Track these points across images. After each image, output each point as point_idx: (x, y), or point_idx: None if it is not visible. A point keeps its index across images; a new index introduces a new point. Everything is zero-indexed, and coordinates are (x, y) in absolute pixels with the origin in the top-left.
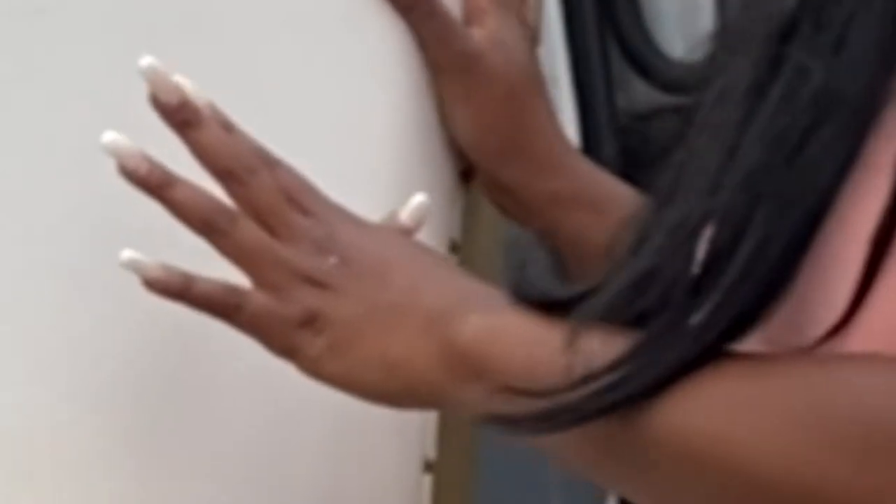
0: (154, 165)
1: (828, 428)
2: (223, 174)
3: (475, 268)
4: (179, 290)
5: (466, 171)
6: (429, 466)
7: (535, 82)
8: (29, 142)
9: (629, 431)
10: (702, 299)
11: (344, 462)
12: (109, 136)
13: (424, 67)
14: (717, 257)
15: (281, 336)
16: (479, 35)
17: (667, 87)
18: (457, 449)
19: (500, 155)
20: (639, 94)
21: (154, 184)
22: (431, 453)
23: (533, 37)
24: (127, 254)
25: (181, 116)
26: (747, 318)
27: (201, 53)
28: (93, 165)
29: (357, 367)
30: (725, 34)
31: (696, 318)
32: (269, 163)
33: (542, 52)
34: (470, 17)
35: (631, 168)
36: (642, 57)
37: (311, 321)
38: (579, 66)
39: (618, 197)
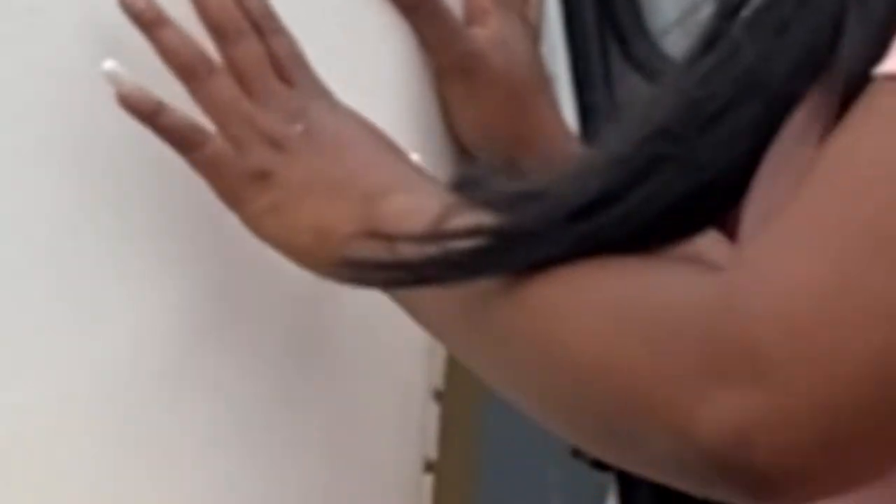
0: (151, 3)
1: (633, 319)
2: (215, 29)
3: None
4: (149, 112)
5: None
6: (429, 466)
7: (539, 80)
8: (28, 140)
9: (484, 304)
10: (574, 223)
11: (344, 462)
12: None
13: (425, 67)
14: (606, 195)
15: (232, 184)
16: (481, 35)
17: None
18: (457, 449)
19: (506, 153)
20: (639, 94)
21: (147, 20)
22: (432, 453)
23: (535, 35)
24: (109, 64)
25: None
26: (605, 252)
27: None
28: (92, 164)
29: (292, 229)
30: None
31: (561, 235)
32: (269, 30)
33: (543, 51)
34: (472, 17)
35: None
36: (642, 57)
37: (262, 177)
38: (579, 65)
39: None
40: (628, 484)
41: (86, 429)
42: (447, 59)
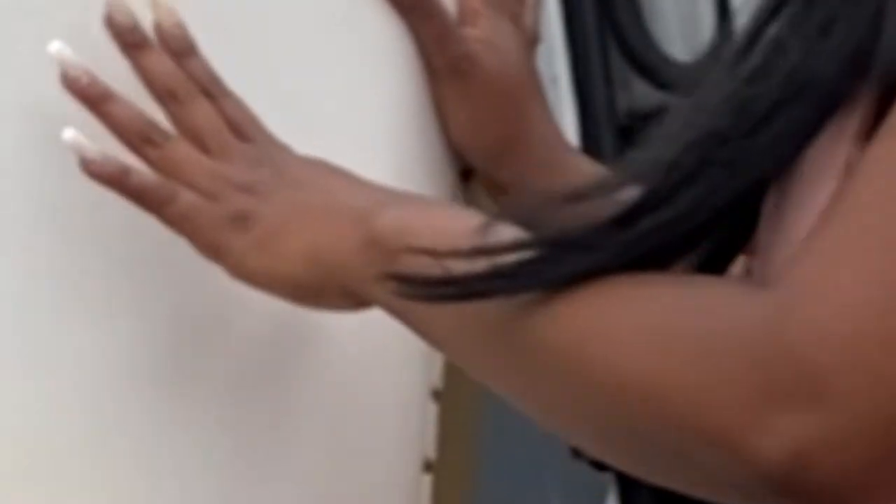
0: (95, 80)
1: (679, 340)
2: (164, 95)
3: None
4: (116, 176)
5: (466, 171)
6: (429, 466)
7: (530, 83)
8: (28, 140)
9: (513, 321)
10: (621, 229)
11: (344, 462)
12: (56, 46)
13: (422, 68)
14: (653, 199)
15: (209, 233)
16: (472, 36)
17: (667, 87)
18: (457, 449)
19: (498, 156)
20: (639, 94)
21: (93, 96)
22: (431, 453)
23: (531, 38)
24: (70, 133)
25: (131, 38)
26: (654, 262)
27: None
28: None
29: (281, 260)
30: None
31: (609, 242)
32: (218, 93)
33: (542, 51)
34: (463, 18)
35: None
36: (642, 57)
37: (240, 220)
38: (579, 65)
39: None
40: (628, 484)
41: (88, 430)
42: (440, 61)
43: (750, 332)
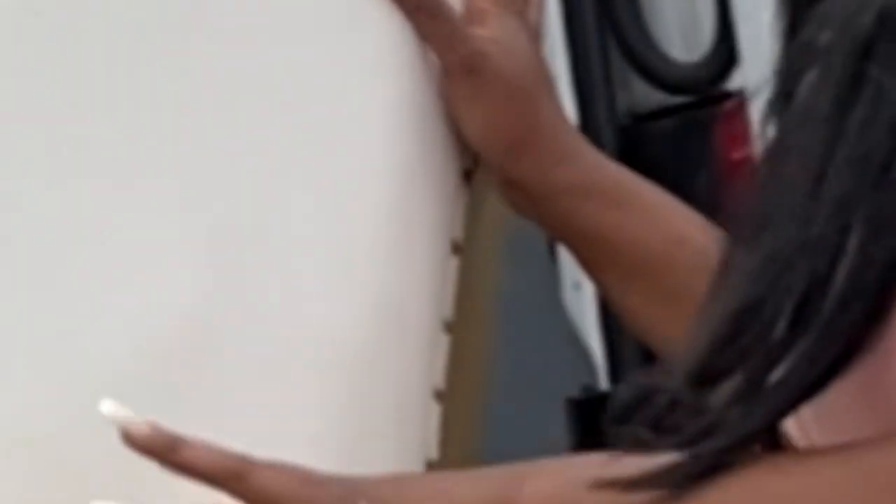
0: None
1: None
2: (222, 478)
3: (475, 268)
4: None
5: (468, 171)
6: (430, 467)
7: (541, 78)
8: (32, 141)
9: None
10: (801, 333)
11: (344, 462)
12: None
13: (426, 67)
14: (815, 287)
15: None
16: (481, 35)
17: (667, 87)
18: (457, 449)
19: (511, 152)
20: (639, 94)
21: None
22: (433, 453)
23: (536, 34)
24: None
25: (160, 443)
26: (851, 346)
27: (200, 54)
28: (96, 162)
29: None
30: (801, 54)
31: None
32: (258, 460)
33: (543, 50)
34: (471, 17)
35: (631, 168)
36: (642, 57)
37: None
38: (579, 65)
39: (631, 187)
40: None
41: (89, 430)
42: (450, 60)
43: None
